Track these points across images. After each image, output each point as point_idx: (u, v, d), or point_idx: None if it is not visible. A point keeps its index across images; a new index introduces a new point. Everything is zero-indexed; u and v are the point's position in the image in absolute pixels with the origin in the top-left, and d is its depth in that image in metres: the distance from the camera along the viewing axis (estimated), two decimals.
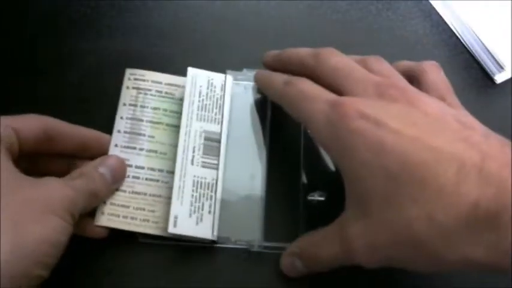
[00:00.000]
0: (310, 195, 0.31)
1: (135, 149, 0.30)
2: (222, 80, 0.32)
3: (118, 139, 0.31)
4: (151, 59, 0.35)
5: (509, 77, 0.36)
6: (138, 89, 0.32)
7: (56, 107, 0.28)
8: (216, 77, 0.32)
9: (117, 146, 0.30)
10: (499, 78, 0.36)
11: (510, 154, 0.21)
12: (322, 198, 0.31)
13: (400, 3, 0.39)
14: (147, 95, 0.32)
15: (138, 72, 0.32)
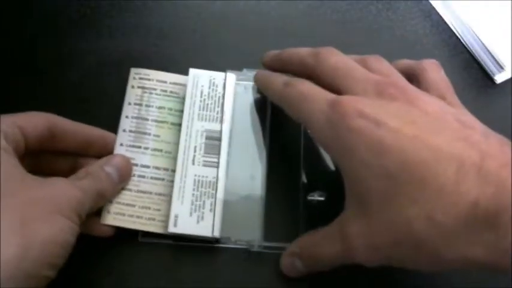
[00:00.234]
0: (310, 195, 0.31)
1: (140, 148, 0.31)
2: (223, 79, 0.32)
3: (123, 138, 0.31)
4: (151, 59, 0.35)
5: (509, 77, 0.36)
6: (143, 88, 0.32)
7: (56, 107, 0.28)
8: (218, 76, 0.32)
9: (122, 145, 0.30)
10: (499, 78, 0.36)
11: (510, 154, 0.21)
12: (322, 198, 0.31)
13: (400, 3, 0.39)
14: (152, 94, 0.32)
15: (142, 71, 0.33)
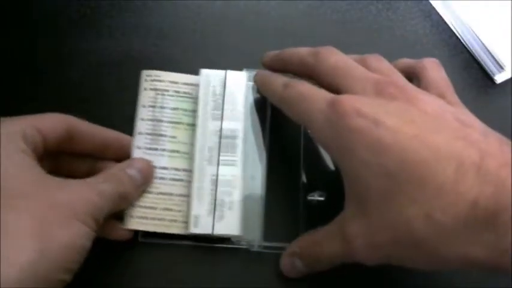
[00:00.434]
0: (310, 195, 0.31)
1: (157, 150, 0.30)
2: (235, 77, 0.32)
3: (140, 141, 0.30)
4: (151, 59, 0.35)
5: (509, 77, 0.36)
6: (155, 90, 0.32)
7: (56, 107, 0.28)
8: (230, 75, 0.32)
9: (139, 148, 0.30)
10: (499, 78, 0.36)
11: (509, 153, 0.21)
12: (322, 198, 0.31)
13: (400, 3, 0.39)
14: (165, 96, 0.32)
15: (153, 73, 0.32)
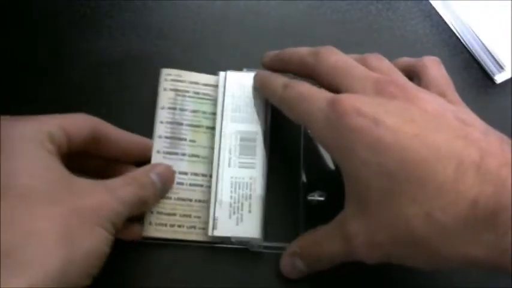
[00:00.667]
0: (310, 195, 0.31)
1: (177, 154, 0.30)
2: (245, 78, 0.32)
3: (160, 145, 0.30)
4: (151, 59, 0.35)
5: (509, 77, 0.36)
6: (175, 90, 0.32)
7: (56, 107, 0.28)
8: (247, 77, 0.32)
9: (159, 152, 0.30)
10: (499, 78, 0.36)
11: (510, 152, 0.21)
12: (322, 198, 0.31)
13: (400, 3, 0.39)
14: (185, 97, 0.32)
15: (173, 72, 0.32)
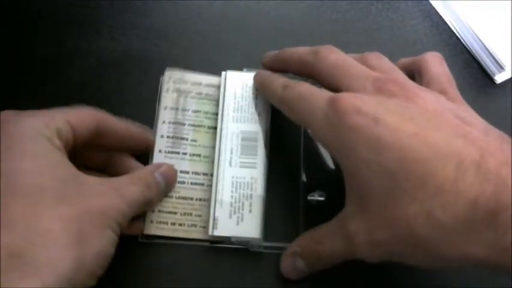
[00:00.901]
0: (310, 195, 0.31)
1: (178, 153, 0.30)
2: (245, 77, 0.32)
3: (161, 144, 0.30)
4: (151, 59, 0.35)
5: (509, 77, 0.36)
6: (178, 91, 0.32)
7: (56, 107, 0.28)
8: (248, 77, 0.32)
9: (161, 151, 0.30)
10: (499, 78, 0.36)
11: (510, 151, 0.21)
12: (322, 198, 0.31)
13: (400, 3, 0.39)
14: (187, 98, 0.32)
15: (177, 73, 0.32)
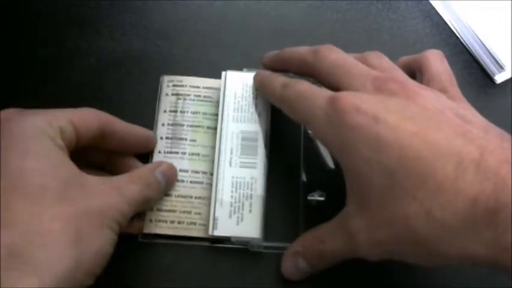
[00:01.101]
0: (310, 195, 0.31)
1: (177, 153, 0.31)
2: (245, 77, 0.32)
3: (161, 145, 0.31)
4: (151, 59, 0.35)
5: (509, 77, 0.36)
6: (177, 95, 0.32)
7: (56, 107, 0.28)
8: (248, 77, 0.32)
9: (160, 152, 0.31)
10: (499, 78, 0.36)
11: (509, 150, 0.21)
12: (322, 198, 0.31)
13: (400, 3, 0.39)
14: (186, 100, 0.32)
15: (175, 78, 0.33)
